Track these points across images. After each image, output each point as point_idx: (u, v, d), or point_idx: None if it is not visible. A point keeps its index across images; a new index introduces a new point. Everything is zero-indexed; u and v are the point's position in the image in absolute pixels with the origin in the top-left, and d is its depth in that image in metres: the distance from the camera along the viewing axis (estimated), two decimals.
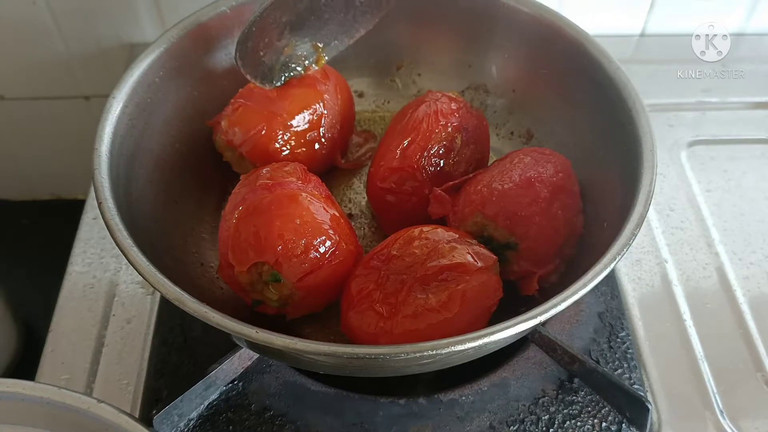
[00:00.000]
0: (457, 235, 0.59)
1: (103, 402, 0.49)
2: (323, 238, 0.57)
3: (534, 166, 0.62)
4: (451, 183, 0.65)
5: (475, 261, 0.56)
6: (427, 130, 0.65)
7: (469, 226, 0.62)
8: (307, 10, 0.64)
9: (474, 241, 0.59)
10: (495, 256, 0.58)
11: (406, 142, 0.65)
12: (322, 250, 0.57)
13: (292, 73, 0.67)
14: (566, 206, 0.61)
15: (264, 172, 0.61)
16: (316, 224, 0.57)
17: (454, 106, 0.67)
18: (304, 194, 0.59)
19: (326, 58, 0.69)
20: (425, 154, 0.64)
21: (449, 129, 0.66)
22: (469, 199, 0.62)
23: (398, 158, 0.65)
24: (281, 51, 0.65)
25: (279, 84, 0.66)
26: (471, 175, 0.65)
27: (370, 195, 0.69)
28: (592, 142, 0.66)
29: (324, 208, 0.59)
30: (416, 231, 0.59)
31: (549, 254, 0.61)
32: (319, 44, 0.68)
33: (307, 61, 0.68)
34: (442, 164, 0.65)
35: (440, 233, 0.59)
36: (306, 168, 0.64)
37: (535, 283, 0.61)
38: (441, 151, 0.65)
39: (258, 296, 0.59)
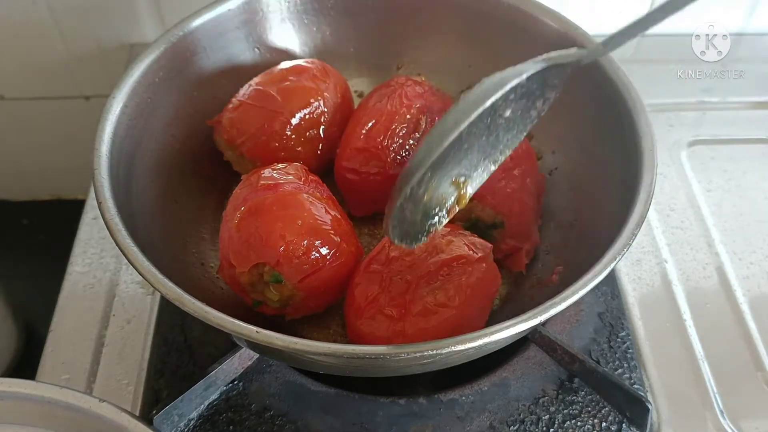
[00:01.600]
0: (449, 229, 0.59)
1: (105, 401, 0.49)
2: (324, 239, 0.57)
3: None
4: None
5: (474, 251, 0.57)
6: (391, 111, 0.66)
7: None
8: (448, 146, 0.50)
9: (467, 232, 0.60)
10: (490, 244, 0.59)
11: (370, 124, 0.66)
12: (323, 251, 0.57)
13: (435, 219, 0.55)
14: (532, 173, 0.64)
15: (265, 172, 0.61)
16: (317, 225, 0.57)
17: (419, 89, 0.68)
18: (305, 195, 0.59)
19: (470, 193, 0.56)
20: (389, 134, 0.65)
21: (413, 111, 0.67)
22: None
23: (362, 139, 0.66)
24: (421, 200, 0.53)
25: (425, 239, 0.55)
26: None
27: (336, 176, 0.69)
28: (592, 142, 0.66)
29: (325, 209, 0.59)
30: None
31: (530, 226, 0.64)
32: (460, 179, 0.55)
33: (449, 203, 0.55)
34: (406, 145, 0.66)
35: None
36: (307, 168, 0.64)
37: (524, 258, 0.63)
38: (404, 133, 0.66)
39: (258, 297, 0.59)
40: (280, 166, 0.63)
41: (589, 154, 0.66)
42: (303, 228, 0.57)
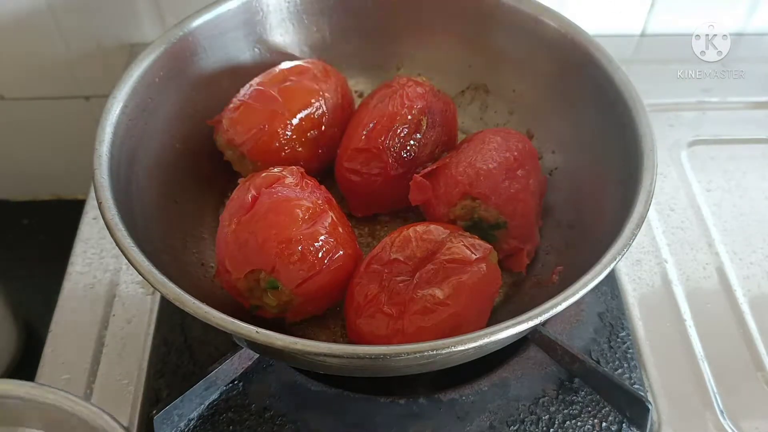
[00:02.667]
0: (449, 231, 0.59)
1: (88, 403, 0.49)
2: (320, 243, 0.57)
3: (506, 145, 0.65)
4: (427, 169, 0.66)
5: (473, 252, 0.57)
6: (392, 112, 0.66)
7: (458, 210, 0.63)
8: None
9: (467, 234, 0.60)
10: (490, 245, 0.59)
11: (371, 125, 0.66)
12: (319, 255, 0.57)
13: None
14: (535, 174, 0.65)
15: (261, 177, 0.61)
16: (313, 230, 0.57)
17: (420, 90, 0.68)
18: (302, 201, 0.59)
19: None
20: (390, 135, 0.66)
21: (414, 111, 0.67)
22: (454, 180, 0.63)
23: (364, 140, 0.66)
24: None
25: None
26: (446, 158, 0.66)
27: (337, 176, 0.69)
28: (592, 142, 0.66)
29: (321, 213, 0.59)
30: (410, 232, 0.59)
31: (532, 227, 0.65)
32: None
33: None
34: (407, 146, 0.67)
35: (434, 231, 0.59)
36: (304, 171, 0.64)
37: (525, 259, 0.64)
38: (405, 133, 0.66)
39: (257, 302, 0.59)
40: (276, 170, 0.62)
41: (589, 154, 0.66)
42: (298, 234, 0.56)
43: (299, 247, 0.56)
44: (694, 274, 0.72)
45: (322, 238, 0.57)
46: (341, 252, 0.58)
